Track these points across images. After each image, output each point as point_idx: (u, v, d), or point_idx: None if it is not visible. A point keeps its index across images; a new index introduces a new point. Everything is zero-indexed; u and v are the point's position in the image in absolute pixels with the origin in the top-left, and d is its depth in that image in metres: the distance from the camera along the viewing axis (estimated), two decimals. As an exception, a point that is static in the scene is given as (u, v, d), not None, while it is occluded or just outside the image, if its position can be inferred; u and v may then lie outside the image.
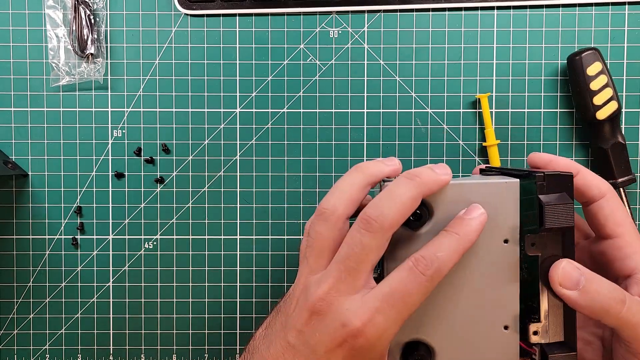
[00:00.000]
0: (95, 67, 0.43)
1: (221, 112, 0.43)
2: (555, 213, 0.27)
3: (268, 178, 0.43)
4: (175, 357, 0.44)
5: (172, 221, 0.43)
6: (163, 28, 0.43)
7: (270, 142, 0.43)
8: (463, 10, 0.43)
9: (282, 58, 0.43)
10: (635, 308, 0.27)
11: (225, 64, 0.43)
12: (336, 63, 0.43)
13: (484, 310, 0.29)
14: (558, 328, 0.29)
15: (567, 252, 0.29)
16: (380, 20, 0.43)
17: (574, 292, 0.27)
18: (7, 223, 0.43)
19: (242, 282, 0.44)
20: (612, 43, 0.43)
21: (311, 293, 0.27)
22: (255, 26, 0.43)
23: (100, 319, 0.44)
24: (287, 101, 0.43)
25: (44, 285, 0.44)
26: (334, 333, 0.26)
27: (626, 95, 0.43)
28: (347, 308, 0.26)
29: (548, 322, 0.29)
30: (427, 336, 0.29)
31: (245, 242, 0.43)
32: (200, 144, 0.43)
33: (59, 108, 0.43)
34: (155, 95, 0.43)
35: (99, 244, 0.43)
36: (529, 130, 0.43)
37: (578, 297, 0.27)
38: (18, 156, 0.43)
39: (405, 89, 0.43)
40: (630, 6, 0.42)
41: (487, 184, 0.29)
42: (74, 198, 0.43)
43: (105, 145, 0.43)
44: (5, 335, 0.44)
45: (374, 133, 0.43)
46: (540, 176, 0.28)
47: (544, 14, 0.43)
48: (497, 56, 0.43)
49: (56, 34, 0.43)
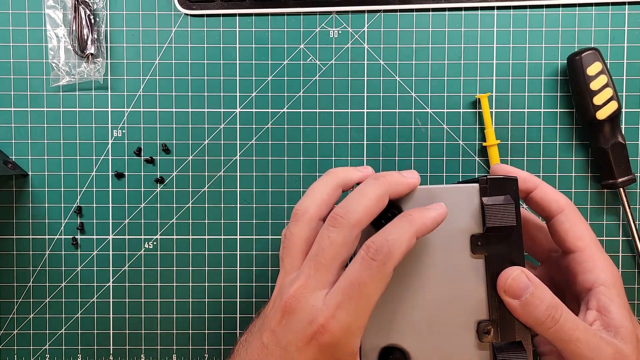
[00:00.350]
0: (95, 67, 0.43)
1: (221, 112, 0.43)
2: (496, 213, 0.29)
3: (268, 178, 0.43)
4: (175, 357, 0.44)
5: (172, 221, 0.43)
6: (163, 28, 0.43)
7: (270, 142, 0.43)
8: (463, 10, 0.43)
9: (282, 58, 0.43)
10: (568, 326, 0.28)
11: (225, 64, 0.43)
12: (336, 63, 0.43)
13: (453, 312, 0.30)
14: (510, 328, 0.29)
15: (514, 253, 0.29)
16: (380, 20, 0.43)
17: (515, 302, 0.28)
18: (7, 223, 0.43)
19: (242, 282, 0.44)
20: (612, 43, 0.43)
21: (284, 292, 0.28)
22: (255, 26, 0.43)
23: (100, 319, 0.44)
24: (287, 101, 0.43)
25: (44, 285, 0.44)
26: (303, 331, 0.26)
27: (626, 95, 0.43)
28: (312, 304, 0.26)
29: (498, 323, 0.29)
30: (400, 341, 0.30)
31: (245, 242, 0.43)
32: (200, 144, 0.43)
33: (59, 108, 0.43)
34: (155, 95, 0.43)
35: (99, 244, 0.43)
36: (528, 130, 0.43)
37: (517, 306, 0.28)
38: (18, 156, 0.43)
39: (405, 89, 0.43)
40: (630, 6, 0.42)
41: (452, 188, 0.30)
42: (74, 198, 0.43)
43: (105, 145, 0.43)
44: (5, 335, 0.44)
45: (374, 133, 0.43)
46: (484, 180, 0.30)
47: (544, 14, 0.43)
48: (497, 56, 0.43)
49: (56, 34, 0.43)
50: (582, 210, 0.41)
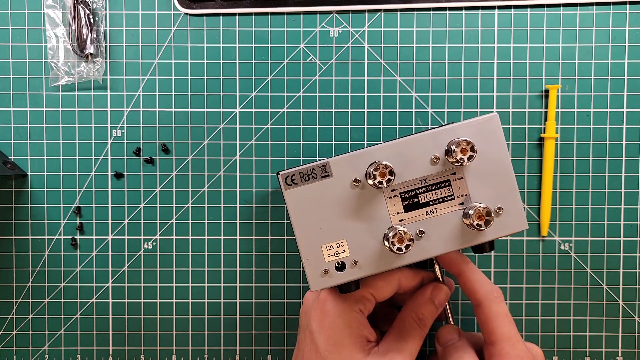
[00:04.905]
0: (95, 66, 0.43)
1: (221, 112, 0.43)
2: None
3: (268, 178, 0.43)
4: (175, 357, 0.44)
5: (172, 221, 0.43)
6: (162, 27, 0.43)
7: (270, 142, 0.43)
8: (464, 9, 0.43)
9: (282, 57, 0.43)
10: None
11: (224, 63, 0.43)
12: (336, 62, 0.43)
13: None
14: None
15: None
16: (380, 20, 0.43)
17: (439, 347, 0.36)
18: (7, 223, 0.43)
19: (241, 282, 0.43)
20: (613, 43, 0.42)
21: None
22: (255, 25, 0.43)
23: (99, 320, 0.44)
24: (287, 101, 0.43)
25: (43, 285, 0.43)
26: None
27: (627, 95, 0.43)
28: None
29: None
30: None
31: (245, 242, 0.43)
32: (200, 144, 0.43)
33: (58, 108, 0.43)
34: (154, 95, 0.43)
35: (99, 244, 0.43)
36: (529, 130, 0.43)
37: (440, 350, 0.36)
38: (17, 156, 0.43)
39: (406, 89, 0.43)
40: (631, 6, 0.42)
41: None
42: (73, 198, 0.43)
43: (104, 145, 0.43)
44: (5, 336, 0.44)
45: (375, 133, 0.43)
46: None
47: (544, 14, 0.43)
48: (497, 56, 0.43)
49: (55, 33, 0.43)
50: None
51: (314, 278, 0.33)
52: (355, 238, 0.33)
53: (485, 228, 0.32)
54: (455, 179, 0.33)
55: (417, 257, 0.33)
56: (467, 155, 0.31)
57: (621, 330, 0.43)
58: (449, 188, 0.33)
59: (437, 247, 0.33)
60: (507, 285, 0.43)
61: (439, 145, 0.33)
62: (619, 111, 0.43)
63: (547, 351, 0.43)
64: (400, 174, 0.33)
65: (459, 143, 0.31)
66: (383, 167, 0.32)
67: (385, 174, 0.32)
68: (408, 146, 0.33)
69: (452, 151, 0.32)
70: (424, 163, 0.33)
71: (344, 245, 0.33)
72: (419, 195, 0.33)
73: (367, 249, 0.33)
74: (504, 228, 0.33)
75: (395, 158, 0.33)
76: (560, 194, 0.43)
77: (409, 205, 0.33)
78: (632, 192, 0.43)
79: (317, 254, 0.33)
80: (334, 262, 0.33)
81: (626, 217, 0.43)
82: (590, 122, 0.43)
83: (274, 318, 0.44)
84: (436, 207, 0.33)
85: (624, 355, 0.43)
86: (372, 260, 0.33)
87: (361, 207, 0.33)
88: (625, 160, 0.43)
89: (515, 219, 0.33)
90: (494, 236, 0.33)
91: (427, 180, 0.33)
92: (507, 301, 0.43)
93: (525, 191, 0.43)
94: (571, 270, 0.43)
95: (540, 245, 0.43)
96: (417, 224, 0.33)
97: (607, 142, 0.43)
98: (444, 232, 0.33)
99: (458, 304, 0.44)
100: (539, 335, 0.43)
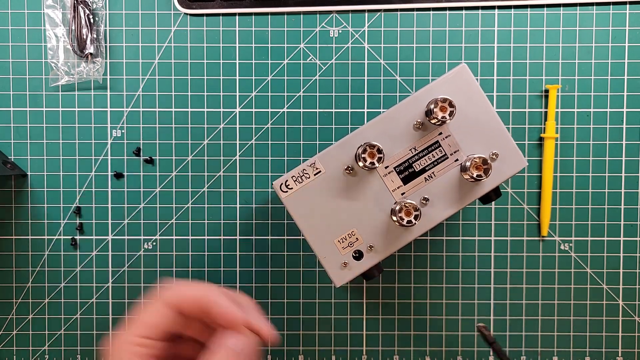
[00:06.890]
0: (95, 66, 0.43)
1: (221, 112, 0.43)
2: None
3: (268, 178, 0.43)
4: (174, 357, 0.44)
5: (172, 221, 0.43)
6: (162, 27, 0.43)
7: (270, 142, 0.43)
8: (464, 9, 0.43)
9: (282, 57, 0.43)
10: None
11: (224, 63, 0.43)
12: (336, 62, 0.43)
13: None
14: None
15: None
16: (380, 20, 0.43)
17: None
18: (7, 223, 0.43)
19: (242, 282, 0.43)
20: (613, 43, 0.42)
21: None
22: (255, 25, 0.43)
23: (99, 320, 0.44)
24: (287, 101, 0.43)
25: (43, 285, 0.43)
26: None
27: (627, 95, 0.43)
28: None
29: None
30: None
31: (245, 242, 0.43)
32: (200, 144, 0.43)
33: (58, 108, 0.43)
34: (154, 95, 0.43)
35: (98, 244, 0.43)
36: (529, 130, 0.43)
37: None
38: (17, 156, 0.43)
39: (406, 89, 0.43)
40: (631, 6, 0.42)
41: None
42: (73, 198, 0.43)
43: (104, 145, 0.43)
44: (5, 336, 0.44)
45: (374, 133, 0.43)
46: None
47: (544, 14, 0.43)
48: (497, 56, 0.43)
49: (55, 33, 0.43)
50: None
51: (335, 274, 0.33)
52: (364, 224, 0.33)
53: (485, 177, 0.32)
54: (443, 138, 0.33)
55: (428, 225, 0.33)
56: (447, 112, 0.32)
57: (621, 330, 0.43)
58: (440, 149, 0.33)
59: (445, 210, 0.33)
60: (507, 285, 0.43)
61: (418, 111, 0.33)
62: (619, 111, 0.43)
63: (547, 351, 0.43)
64: (389, 150, 0.33)
65: (436, 102, 0.32)
66: (370, 148, 0.32)
67: (374, 153, 0.32)
68: (388, 121, 0.33)
69: (431, 111, 0.32)
70: (408, 132, 0.33)
71: (355, 234, 0.33)
72: (413, 164, 0.33)
73: (379, 230, 0.33)
74: (505, 171, 0.33)
75: (379, 136, 0.33)
76: (560, 194, 0.43)
77: (406, 177, 0.33)
78: (632, 192, 0.43)
79: (332, 250, 0.33)
80: (350, 253, 0.33)
81: (626, 217, 0.43)
82: (590, 122, 0.43)
83: (274, 318, 0.44)
84: (433, 171, 0.33)
85: (624, 355, 0.43)
86: (386, 240, 0.33)
87: (361, 192, 0.33)
88: (625, 160, 0.43)
89: (513, 159, 0.33)
90: (496, 182, 0.33)
91: (416, 148, 0.33)
92: (507, 301, 0.43)
93: (525, 191, 0.43)
94: (571, 270, 0.43)
95: (540, 245, 0.43)
96: (420, 192, 0.33)
97: (607, 142, 0.43)
98: (447, 193, 0.33)
99: (458, 304, 0.44)
100: (539, 335, 0.43)
